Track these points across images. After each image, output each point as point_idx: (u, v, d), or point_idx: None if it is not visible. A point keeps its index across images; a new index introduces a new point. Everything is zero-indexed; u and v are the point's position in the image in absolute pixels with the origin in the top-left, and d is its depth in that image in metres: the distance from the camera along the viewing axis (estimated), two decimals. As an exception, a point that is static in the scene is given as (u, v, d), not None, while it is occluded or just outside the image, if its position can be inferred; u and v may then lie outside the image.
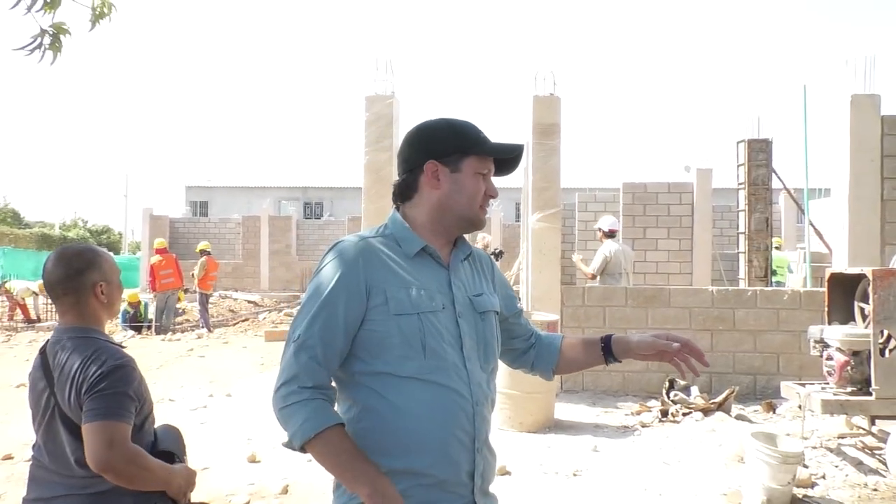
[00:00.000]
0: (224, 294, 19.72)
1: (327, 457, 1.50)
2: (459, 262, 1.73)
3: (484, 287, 1.77)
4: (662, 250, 12.10)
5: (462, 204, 1.68)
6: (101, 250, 2.12)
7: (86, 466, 1.91)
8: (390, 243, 1.66)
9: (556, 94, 7.28)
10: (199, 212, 34.05)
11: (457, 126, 1.70)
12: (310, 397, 1.52)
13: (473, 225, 1.72)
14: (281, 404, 1.54)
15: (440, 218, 1.69)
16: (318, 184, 34.90)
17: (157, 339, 12.07)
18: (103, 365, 1.90)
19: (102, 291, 2.03)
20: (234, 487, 4.46)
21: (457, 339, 1.63)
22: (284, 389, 1.54)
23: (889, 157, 6.82)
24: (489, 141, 1.70)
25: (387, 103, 7.42)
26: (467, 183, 1.68)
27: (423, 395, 1.56)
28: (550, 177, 7.24)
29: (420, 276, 1.63)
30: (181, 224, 26.08)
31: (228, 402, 7.13)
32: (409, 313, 1.58)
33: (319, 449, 1.49)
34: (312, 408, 1.51)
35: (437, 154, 1.68)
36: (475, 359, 1.66)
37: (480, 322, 1.70)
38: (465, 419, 1.59)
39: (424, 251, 1.66)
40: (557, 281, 7.24)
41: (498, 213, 22.12)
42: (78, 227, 40.21)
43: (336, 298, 1.57)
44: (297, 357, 1.55)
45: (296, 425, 1.50)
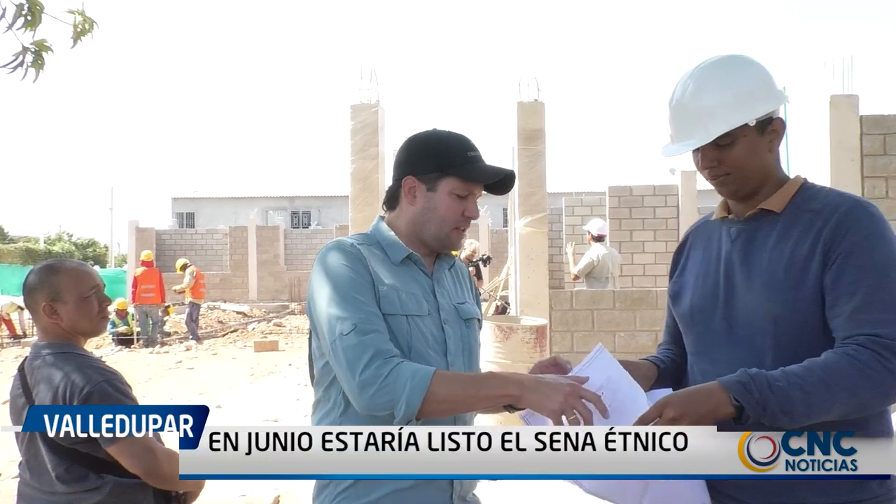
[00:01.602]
0: (212, 305, 19.62)
1: (454, 395, 1.44)
2: (443, 272, 1.74)
3: (466, 296, 1.79)
4: (649, 252, 12.17)
5: (434, 224, 1.66)
6: (62, 267, 2.03)
7: (67, 482, 1.91)
8: (376, 250, 1.67)
9: (540, 100, 7.33)
10: (185, 223, 33.87)
11: (442, 143, 1.66)
12: (401, 361, 1.46)
13: (444, 247, 1.70)
14: (376, 385, 1.43)
15: (416, 233, 1.69)
16: (305, 193, 34.84)
17: (146, 353, 11.99)
18: (92, 383, 1.88)
19: (54, 311, 1.97)
20: (225, 498, 4.45)
21: (441, 344, 1.64)
22: (369, 371, 1.44)
23: (868, 156, 6.92)
24: (474, 163, 1.65)
25: (372, 111, 7.44)
26: (440, 204, 1.65)
27: None
28: (536, 182, 7.28)
29: (406, 282, 1.64)
30: (168, 236, 25.94)
31: (218, 413, 7.09)
32: (398, 314, 1.58)
33: (443, 392, 1.43)
34: (409, 366, 1.45)
35: (415, 170, 1.66)
36: (459, 364, 1.66)
37: (465, 329, 1.71)
38: (446, 421, 1.56)
39: (409, 259, 1.67)
40: (545, 285, 7.28)
41: (486, 218, 22.17)
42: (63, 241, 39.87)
43: (356, 279, 1.55)
44: (364, 339, 1.47)
45: (406, 386, 1.42)
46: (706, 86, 1.53)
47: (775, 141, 1.56)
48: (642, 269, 12.10)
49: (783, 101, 1.56)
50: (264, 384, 8.82)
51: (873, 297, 1.39)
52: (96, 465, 1.92)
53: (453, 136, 1.68)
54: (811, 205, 1.53)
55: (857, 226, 1.45)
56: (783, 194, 1.57)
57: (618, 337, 7.10)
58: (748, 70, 1.55)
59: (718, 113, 1.51)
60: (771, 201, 1.57)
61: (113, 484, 1.91)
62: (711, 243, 1.68)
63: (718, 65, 1.56)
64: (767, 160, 1.56)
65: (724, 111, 1.50)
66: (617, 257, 8.61)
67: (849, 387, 1.33)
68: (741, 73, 1.54)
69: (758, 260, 1.54)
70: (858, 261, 1.42)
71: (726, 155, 1.53)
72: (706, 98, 1.52)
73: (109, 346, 12.90)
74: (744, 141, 1.52)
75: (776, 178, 1.58)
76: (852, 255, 1.43)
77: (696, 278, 1.68)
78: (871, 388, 1.33)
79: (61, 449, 1.90)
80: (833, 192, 1.56)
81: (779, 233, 1.54)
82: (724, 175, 1.55)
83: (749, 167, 1.54)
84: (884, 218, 1.49)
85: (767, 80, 1.55)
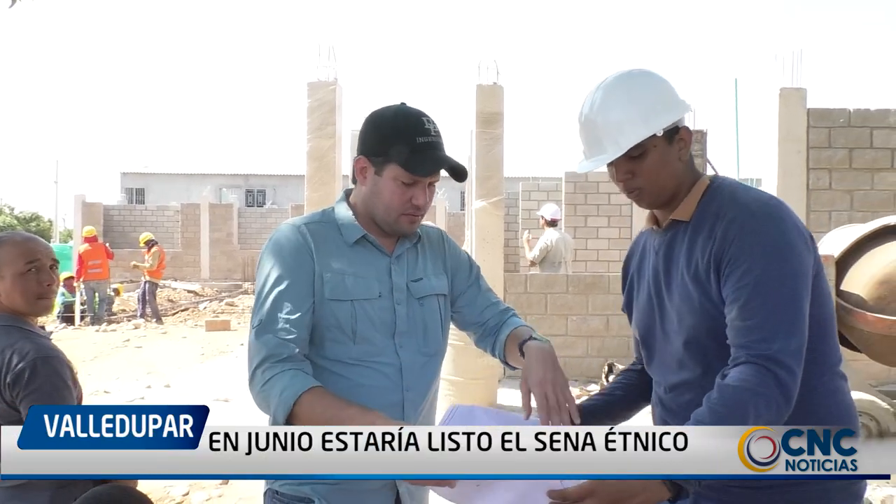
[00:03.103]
0: (163, 284, 19.19)
1: (314, 419, 1.44)
2: (405, 248, 1.70)
3: (428, 270, 1.73)
4: (603, 238, 12.36)
5: (380, 209, 1.62)
6: (5, 239, 1.95)
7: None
8: (330, 229, 1.64)
9: (499, 83, 7.34)
10: (135, 199, 32.99)
11: (394, 125, 1.58)
12: (286, 368, 1.49)
13: (395, 232, 1.65)
14: (259, 385, 1.49)
15: (369, 214, 1.65)
16: (261, 171, 34.25)
17: (91, 330, 11.69)
18: (26, 359, 1.82)
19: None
20: (172, 479, 4.39)
21: (389, 326, 1.62)
22: (259, 371, 1.50)
23: (814, 148, 7.13)
24: (421, 151, 1.56)
25: (329, 90, 7.34)
26: (385, 189, 1.59)
27: (345, 382, 1.55)
28: (493, 165, 7.30)
29: (358, 263, 1.62)
30: (116, 212, 25.24)
31: (167, 392, 6.98)
32: (343, 300, 1.57)
33: (305, 415, 1.44)
34: (290, 376, 1.47)
35: (366, 151, 1.61)
36: (411, 345, 1.64)
37: (419, 307, 1.68)
38: (392, 406, 1.58)
39: (364, 239, 1.64)
40: (501, 268, 7.34)
41: (443, 201, 22.18)
42: (4, 215, 38.40)
43: (289, 276, 1.55)
44: (260, 339, 1.52)
45: (276, 397, 1.45)
46: (612, 101, 1.56)
47: (684, 149, 1.59)
48: (596, 254, 12.28)
49: (686, 110, 1.59)
50: (215, 364, 8.69)
51: (754, 307, 1.39)
52: None
53: (408, 118, 1.59)
54: (711, 207, 1.54)
55: (741, 232, 1.45)
56: (690, 201, 1.59)
57: (570, 320, 7.20)
58: (650, 83, 1.58)
59: (626, 127, 1.53)
60: (679, 210, 1.59)
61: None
62: (646, 255, 1.72)
63: (621, 80, 1.59)
64: (678, 169, 1.58)
65: (632, 125, 1.53)
66: (570, 242, 8.73)
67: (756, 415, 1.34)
68: (644, 87, 1.57)
69: (675, 271, 1.57)
70: (741, 269, 1.42)
71: (639, 166, 1.55)
72: (613, 113, 1.55)
73: (53, 322, 12.52)
74: (654, 151, 1.54)
75: (689, 185, 1.60)
76: (736, 263, 1.43)
77: (637, 294, 1.72)
78: (766, 407, 1.35)
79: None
80: (734, 192, 1.55)
81: (688, 242, 1.56)
82: (638, 189, 1.58)
83: (661, 176, 1.56)
84: (777, 220, 1.46)
85: (669, 91, 1.58)
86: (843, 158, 7.12)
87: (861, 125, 7.12)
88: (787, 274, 1.42)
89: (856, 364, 5.35)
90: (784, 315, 1.39)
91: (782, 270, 1.41)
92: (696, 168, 1.64)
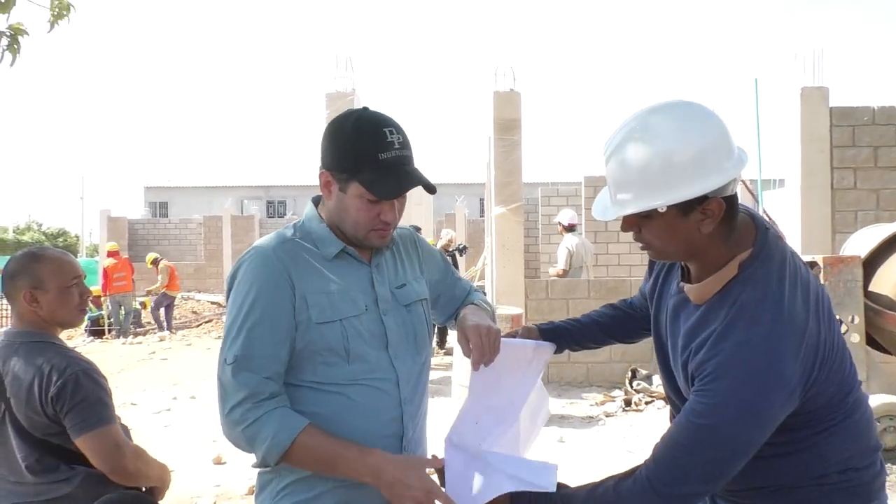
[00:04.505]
0: (186, 296, 19.40)
1: (311, 460, 1.44)
2: (383, 255, 1.63)
3: (408, 275, 1.67)
4: (624, 242, 12.26)
5: (348, 225, 1.54)
6: (45, 255, 2.01)
7: (37, 473, 1.89)
8: (307, 244, 1.55)
9: (516, 90, 7.34)
10: (158, 213, 33.44)
11: (355, 141, 1.48)
12: (272, 408, 1.44)
13: (366, 247, 1.59)
14: (240, 426, 1.43)
15: (339, 227, 1.57)
16: (281, 182, 34.55)
17: (118, 343, 11.84)
18: (66, 373, 1.86)
19: (35, 299, 1.95)
20: (199, 489, 4.43)
21: (381, 339, 1.55)
22: (238, 411, 1.44)
23: (837, 147, 7.03)
24: (385, 169, 1.47)
25: (347, 100, 7.40)
26: (351, 207, 1.51)
27: (346, 402, 1.50)
28: (512, 172, 7.30)
29: (340, 278, 1.54)
30: (140, 225, 25.58)
31: (193, 404, 7.04)
32: (332, 321, 1.49)
33: (300, 456, 1.43)
34: (279, 416, 1.43)
35: (329, 165, 1.53)
36: (404, 355, 1.59)
37: (407, 315, 1.62)
38: (391, 421, 1.54)
39: (344, 252, 1.57)
40: (521, 274, 7.31)
41: (462, 208, 22.18)
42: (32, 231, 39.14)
43: (266, 309, 1.46)
44: (238, 378, 1.44)
45: (267, 440, 1.41)
46: (628, 147, 1.32)
47: (707, 222, 1.32)
48: (617, 258, 12.19)
49: (727, 177, 1.29)
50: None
51: (687, 446, 1.30)
52: (67, 457, 1.90)
53: (371, 133, 1.48)
54: (723, 309, 1.34)
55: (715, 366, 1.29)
56: (708, 286, 1.39)
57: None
58: (690, 132, 1.29)
59: (633, 186, 1.31)
60: (694, 290, 1.42)
61: (84, 475, 1.89)
62: (672, 272, 1.58)
63: (647, 123, 1.32)
64: (696, 239, 1.34)
65: (639, 187, 1.30)
66: (590, 247, 8.67)
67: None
68: (679, 135, 1.28)
69: (676, 334, 1.49)
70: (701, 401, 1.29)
71: (645, 224, 1.36)
72: (627, 163, 1.31)
73: (81, 336, 12.70)
74: (661, 219, 1.32)
75: (712, 260, 1.38)
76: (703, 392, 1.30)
77: (658, 302, 1.62)
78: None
79: (33, 439, 1.88)
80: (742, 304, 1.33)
81: (692, 325, 1.42)
82: (646, 243, 1.41)
83: (669, 243, 1.37)
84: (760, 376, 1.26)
85: (710, 147, 1.28)
86: (869, 157, 7.01)
87: (886, 122, 7.01)
88: (735, 436, 1.28)
89: (886, 367, 5.24)
90: (700, 469, 1.29)
91: (731, 431, 1.27)
92: (739, 235, 1.39)
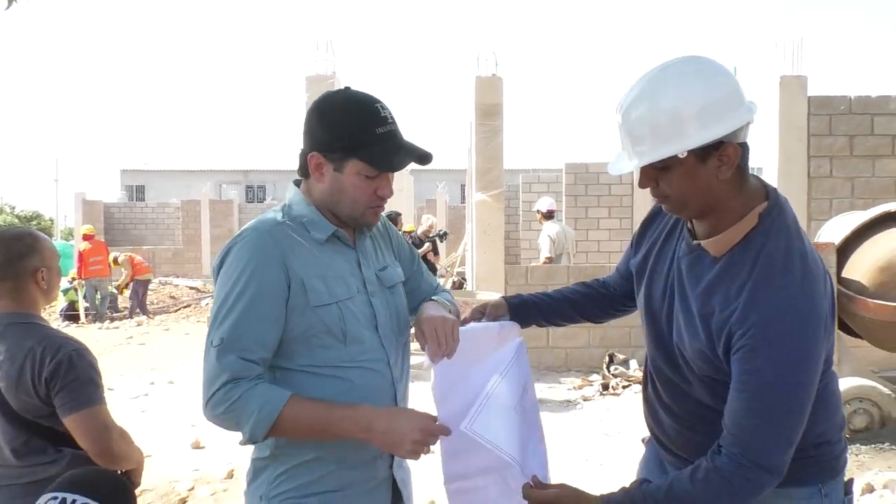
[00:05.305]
0: (164, 280, 19.23)
1: (301, 427, 1.45)
2: (365, 239, 1.66)
3: (387, 258, 1.71)
4: (604, 229, 12.34)
5: (345, 206, 1.55)
6: (41, 235, 2.06)
7: (23, 456, 1.88)
8: (297, 229, 1.55)
9: (498, 75, 7.32)
10: (135, 196, 32.99)
11: (349, 119, 1.50)
12: (252, 385, 1.45)
13: (362, 226, 1.62)
14: (223, 406, 1.44)
15: (331, 209, 1.58)
16: (260, 167, 34.21)
17: (94, 328, 11.71)
18: (60, 353, 1.86)
19: (43, 278, 1.98)
20: (178, 474, 4.41)
21: (371, 320, 1.58)
22: (221, 393, 1.44)
23: (815, 136, 7.11)
24: (383, 142, 1.50)
25: (328, 83, 7.32)
26: (349, 186, 1.53)
27: (344, 385, 1.52)
28: (494, 157, 7.30)
29: (332, 261, 1.56)
30: (117, 209, 25.26)
31: (170, 388, 7.00)
32: (328, 303, 1.51)
33: (289, 425, 1.44)
34: (261, 391, 1.44)
35: (321, 147, 1.52)
36: (391, 336, 1.62)
37: (391, 296, 1.66)
38: (387, 400, 1.58)
39: (334, 236, 1.58)
40: (501, 261, 7.33)
41: (443, 194, 22.14)
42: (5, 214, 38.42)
43: (258, 293, 1.46)
44: (222, 360, 1.44)
45: (252, 416, 1.42)
46: (644, 101, 1.36)
47: (725, 168, 1.36)
48: (597, 245, 12.26)
49: (740, 122, 1.35)
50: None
51: (758, 410, 1.32)
52: (55, 439, 1.89)
53: (362, 109, 1.51)
54: (748, 260, 1.38)
55: (765, 331, 1.31)
56: (728, 237, 1.41)
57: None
58: (697, 85, 1.34)
59: (647, 139, 1.35)
60: (713, 242, 1.43)
61: (70, 456, 1.89)
62: (672, 238, 1.58)
63: (664, 75, 1.37)
64: (715, 187, 1.37)
65: (654, 138, 1.34)
66: (570, 233, 8.69)
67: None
68: (687, 88, 1.34)
69: (688, 296, 1.47)
70: (753, 364, 1.32)
71: (664, 177, 1.39)
72: (641, 117, 1.36)
73: (56, 321, 12.54)
74: (680, 168, 1.36)
75: (730, 208, 1.41)
76: (751, 355, 1.32)
77: (651, 273, 1.61)
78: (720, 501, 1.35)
79: (21, 422, 1.87)
80: (770, 251, 1.37)
81: (711, 280, 1.42)
82: (664, 197, 1.43)
83: (689, 195, 1.39)
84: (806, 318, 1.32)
85: (719, 98, 1.34)
86: (844, 146, 7.09)
87: (862, 112, 7.10)
88: (800, 382, 1.32)
89: (857, 351, 5.35)
90: (785, 427, 1.33)
91: (796, 378, 1.32)
92: (752, 188, 1.43)
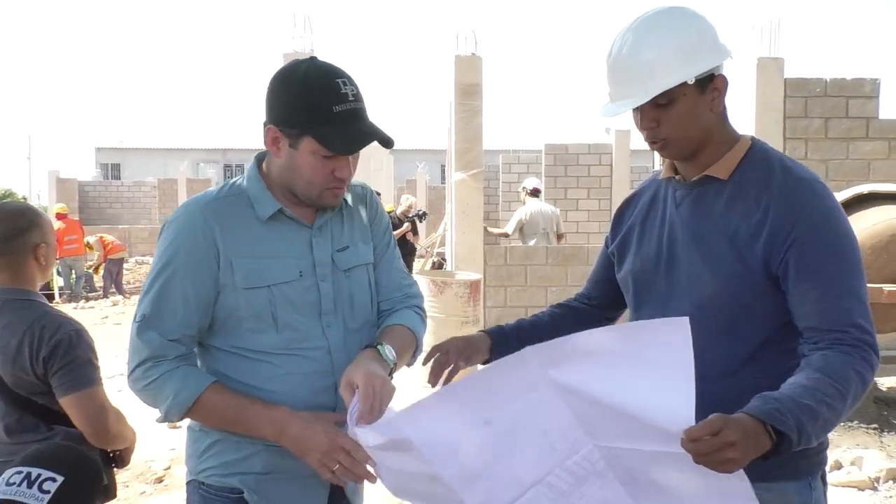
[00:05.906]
0: (141, 260, 19.02)
1: (215, 417, 1.45)
2: (328, 217, 1.55)
3: (355, 236, 1.59)
4: (583, 210, 12.41)
5: (300, 184, 1.46)
6: (40, 210, 2.05)
7: (15, 433, 1.87)
8: (240, 204, 1.49)
9: (478, 54, 7.27)
10: (110, 175, 32.48)
11: (307, 93, 1.39)
12: (174, 367, 1.43)
13: (319, 206, 1.51)
14: (142, 382, 1.44)
15: (287, 187, 1.49)
16: (238, 145, 33.74)
17: (69, 308, 11.57)
18: (60, 332, 1.84)
19: (42, 254, 1.96)
20: (154, 454, 4.41)
21: (313, 307, 1.50)
22: (140, 370, 1.44)
23: (791, 118, 7.17)
24: (340, 122, 1.39)
25: (306, 61, 7.24)
26: (304, 164, 1.43)
27: (277, 371, 1.47)
28: (473, 137, 7.27)
29: (274, 242, 1.48)
30: (91, 188, 24.85)
31: (147, 369, 6.95)
32: (259, 286, 1.45)
33: (203, 413, 1.44)
34: (181, 375, 1.43)
35: (277, 120, 1.43)
36: (337, 323, 1.53)
37: (345, 280, 1.55)
38: (322, 391, 1.50)
39: (281, 213, 1.49)
40: (480, 241, 7.34)
41: (423, 174, 22.07)
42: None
43: (181, 270, 1.44)
44: (142, 336, 1.44)
45: (168, 398, 1.42)
46: (645, 40, 1.45)
47: (717, 99, 1.48)
48: (576, 226, 12.33)
49: (726, 56, 1.48)
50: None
51: (838, 285, 1.37)
52: (49, 417, 1.88)
53: (324, 84, 1.40)
54: (758, 174, 1.47)
55: (807, 210, 1.40)
56: (729, 160, 1.50)
57: (549, 292, 7.25)
58: (689, 23, 1.47)
59: (657, 70, 1.42)
60: (717, 167, 1.50)
61: (62, 435, 1.88)
62: (656, 204, 1.62)
63: (658, 17, 1.48)
64: (709, 120, 1.48)
65: (663, 68, 1.42)
66: (549, 213, 8.65)
67: (855, 394, 1.29)
68: (681, 26, 1.46)
69: (701, 230, 1.49)
70: (815, 247, 1.38)
71: (666, 115, 1.45)
72: (645, 53, 1.44)
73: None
74: (684, 100, 1.44)
75: (722, 139, 1.51)
76: (807, 241, 1.38)
77: (638, 241, 1.62)
78: (863, 390, 1.31)
79: (16, 398, 1.86)
80: (780, 162, 1.50)
81: (725, 203, 1.48)
82: (663, 139, 1.49)
83: (689, 128, 1.47)
84: (830, 193, 1.46)
85: (709, 34, 1.47)
86: (819, 128, 7.17)
87: (837, 94, 7.17)
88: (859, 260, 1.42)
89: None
90: (866, 301, 1.39)
91: (856, 255, 1.41)
92: (731, 125, 1.55)
